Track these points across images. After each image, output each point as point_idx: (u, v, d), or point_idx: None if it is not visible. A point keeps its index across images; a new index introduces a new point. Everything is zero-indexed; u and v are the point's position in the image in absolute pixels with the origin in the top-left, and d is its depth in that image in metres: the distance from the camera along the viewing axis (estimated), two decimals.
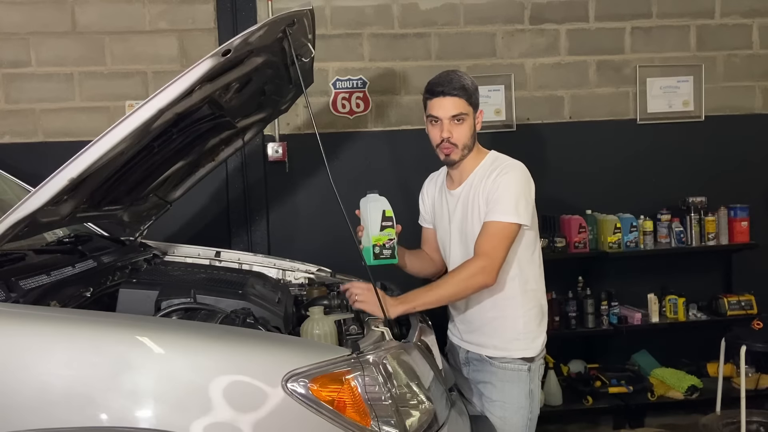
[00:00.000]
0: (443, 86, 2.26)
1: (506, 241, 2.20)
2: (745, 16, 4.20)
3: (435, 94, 2.27)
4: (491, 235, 2.19)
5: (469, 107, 2.27)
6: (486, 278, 2.18)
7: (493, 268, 2.17)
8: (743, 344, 3.40)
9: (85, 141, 1.74)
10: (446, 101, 2.25)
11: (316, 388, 1.64)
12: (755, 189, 4.20)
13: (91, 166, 1.72)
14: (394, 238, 2.22)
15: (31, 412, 1.58)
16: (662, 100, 4.16)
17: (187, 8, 3.84)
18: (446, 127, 2.26)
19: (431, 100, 2.29)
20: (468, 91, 2.26)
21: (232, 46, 1.76)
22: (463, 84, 2.26)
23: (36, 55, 3.77)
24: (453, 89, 2.24)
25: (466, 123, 2.27)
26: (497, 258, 2.18)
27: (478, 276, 2.17)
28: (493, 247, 2.18)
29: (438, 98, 2.26)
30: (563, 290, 3.98)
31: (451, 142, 2.27)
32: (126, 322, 1.74)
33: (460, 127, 2.26)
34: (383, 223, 2.21)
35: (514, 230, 2.21)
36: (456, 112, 2.25)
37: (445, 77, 2.28)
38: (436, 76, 2.31)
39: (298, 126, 3.94)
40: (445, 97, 2.25)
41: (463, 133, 2.27)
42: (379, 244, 2.20)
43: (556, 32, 4.08)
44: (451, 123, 2.26)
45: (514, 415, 2.30)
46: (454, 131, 2.26)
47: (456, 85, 2.25)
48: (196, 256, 2.94)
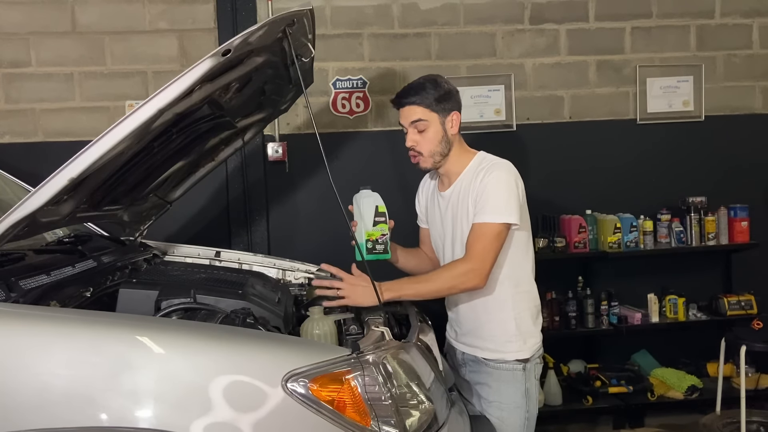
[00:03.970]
0: (400, 96, 2.29)
1: (496, 242, 2.18)
2: (745, 16, 4.20)
3: (395, 105, 2.32)
4: (480, 236, 2.18)
5: (430, 114, 2.25)
6: (475, 281, 2.17)
7: (482, 270, 2.17)
8: (743, 344, 3.40)
9: (85, 141, 1.74)
10: (403, 111, 2.28)
11: (316, 388, 1.64)
12: (755, 189, 4.20)
13: (91, 166, 1.72)
14: (386, 233, 2.23)
15: (31, 412, 1.58)
16: (662, 100, 4.16)
17: (187, 8, 3.84)
18: (410, 135, 2.28)
19: (398, 111, 2.33)
20: (426, 98, 2.24)
21: (232, 46, 1.76)
22: (422, 91, 2.25)
23: (36, 55, 3.77)
24: (408, 98, 2.26)
25: (430, 130, 2.26)
26: (487, 261, 2.17)
27: (466, 277, 2.17)
28: (484, 249, 2.17)
29: (399, 109, 2.30)
30: (563, 290, 3.98)
31: (416, 150, 2.28)
32: (126, 322, 1.74)
33: (423, 135, 2.26)
34: (376, 218, 2.23)
35: (503, 230, 2.20)
36: (413, 118, 2.25)
37: (406, 87, 2.31)
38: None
39: (298, 126, 3.94)
40: (401, 107, 2.29)
41: (426, 139, 2.26)
42: (372, 239, 2.21)
43: (556, 32, 4.08)
44: (413, 131, 2.27)
45: (511, 414, 2.30)
46: (417, 139, 2.27)
47: (411, 93, 2.26)
48: (196, 256, 2.94)
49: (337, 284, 2.17)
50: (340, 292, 2.16)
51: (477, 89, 3.99)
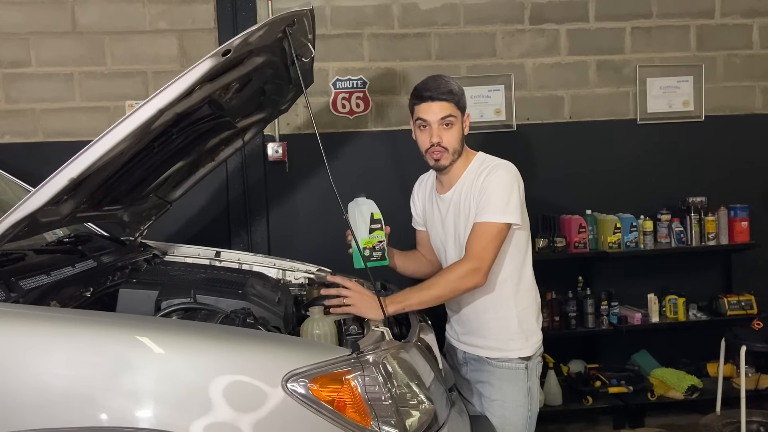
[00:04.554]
0: (431, 91, 2.26)
1: (496, 241, 2.19)
2: (745, 16, 4.20)
3: (423, 99, 2.27)
4: (480, 235, 2.19)
5: (457, 111, 2.27)
6: (476, 279, 2.18)
7: (482, 269, 2.17)
8: (743, 344, 3.40)
9: (85, 141, 1.74)
10: (435, 105, 2.25)
11: (316, 388, 1.64)
12: (755, 189, 4.20)
13: (91, 166, 1.72)
14: (383, 240, 2.23)
15: (31, 412, 1.58)
16: (662, 100, 4.16)
17: (187, 8, 3.84)
18: (435, 131, 2.26)
19: (419, 105, 2.29)
20: (455, 95, 2.27)
21: (232, 46, 1.76)
22: (450, 88, 2.27)
23: (36, 55, 3.77)
24: (441, 93, 2.25)
25: (455, 127, 2.27)
26: (487, 259, 2.18)
27: (467, 277, 2.17)
28: (483, 248, 2.18)
29: (426, 103, 2.26)
30: (563, 290, 3.99)
31: (442, 146, 2.27)
32: (126, 322, 1.74)
33: (449, 131, 2.26)
34: (372, 225, 2.23)
35: (504, 230, 2.20)
36: (445, 114, 2.25)
37: (432, 82, 2.29)
38: (423, 81, 2.32)
39: (298, 126, 3.94)
40: (433, 101, 2.25)
41: (452, 137, 2.27)
42: (368, 246, 2.21)
43: (556, 32, 4.08)
44: (440, 127, 2.26)
45: (513, 413, 2.30)
46: (444, 135, 2.26)
47: (444, 89, 2.26)
48: (196, 256, 2.94)
49: (345, 292, 2.16)
50: (347, 300, 2.15)
51: (477, 89, 3.99)
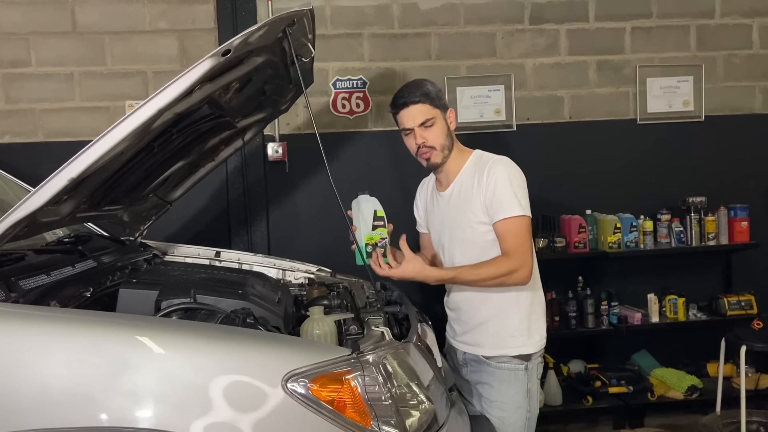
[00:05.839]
0: (404, 96, 2.30)
1: (526, 233, 2.23)
2: (745, 16, 4.20)
3: (399, 107, 2.31)
4: (509, 234, 2.22)
5: (434, 110, 2.30)
6: (520, 278, 2.22)
7: (526, 268, 2.21)
8: (743, 344, 3.40)
9: (85, 141, 1.74)
10: (412, 109, 2.29)
11: (316, 388, 1.64)
12: (755, 189, 4.20)
13: (91, 166, 1.73)
14: (386, 237, 2.26)
15: (32, 412, 1.58)
16: (662, 100, 4.16)
17: (187, 8, 3.84)
18: (418, 133, 2.30)
19: (398, 113, 2.33)
20: (430, 96, 2.30)
21: (232, 46, 1.76)
22: (423, 90, 2.30)
23: (36, 55, 3.76)
24: (414, 97, 2.28)
25: (437, 125, 2.30)
26: (526, 254, 2.22)
27: (511, 276, 2.21)
28: (520, 244, 2.21)
29: (403, 110, 2.30)
30: (563, 290, 3.98)
31: (428, 145, 2.30)
32: (126, 322, 1.74)
33: (431, 130, 2.30)
34: (375, 222, 2.25)
35: (527, 222, 2.24)
36: (423, 118, 2.28)
37: (405, 88, 2.33)
38: (398, 90, 2.35)
39: (298, 126, 3.94)
40: (408, 106, 2.29)
41: (436, 134, 2.30)
42: (371, 243, 2.23)
43: (556, 32, 4.07)
44: (421, 129, 2.29)
45: (512, 415, 2.30)
46: (427, 135, 2.30)
47: (416, 92, 2.29)
48: (196, 256, 2.94)
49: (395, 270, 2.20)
50: (395, 273, 2.18)
51: (477, 89, 3.99)
